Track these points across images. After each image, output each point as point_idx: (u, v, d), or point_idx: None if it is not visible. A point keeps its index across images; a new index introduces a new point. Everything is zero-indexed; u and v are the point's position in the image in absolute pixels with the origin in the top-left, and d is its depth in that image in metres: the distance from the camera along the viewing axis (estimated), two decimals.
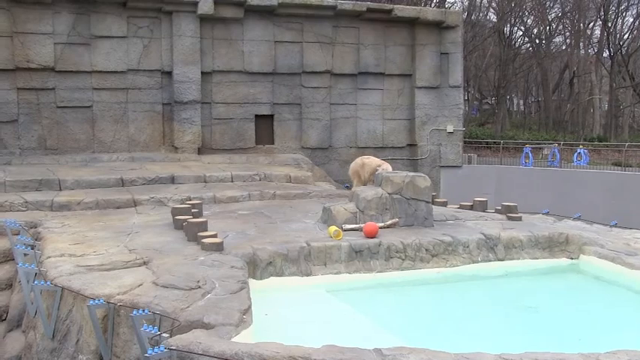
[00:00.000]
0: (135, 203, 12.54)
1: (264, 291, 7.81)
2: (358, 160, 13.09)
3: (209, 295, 6.52)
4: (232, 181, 15.21)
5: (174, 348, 5.09)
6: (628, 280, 8.57)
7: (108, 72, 17.98)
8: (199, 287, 6.74)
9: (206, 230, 9.22)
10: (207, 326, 5.71)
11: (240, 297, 6.56)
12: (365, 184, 12.28)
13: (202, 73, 18.61)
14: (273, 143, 19.75)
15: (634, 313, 7.74)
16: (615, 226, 11.62)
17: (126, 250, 8.55)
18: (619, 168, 24.73)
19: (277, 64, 19.45)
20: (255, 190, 13.88)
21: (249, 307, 6.36)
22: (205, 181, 14.96)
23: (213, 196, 13.23)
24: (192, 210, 10.59)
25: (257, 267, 8.30)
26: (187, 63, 18.33)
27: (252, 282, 7.70)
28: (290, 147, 19.82)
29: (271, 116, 19.72)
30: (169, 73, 18.43)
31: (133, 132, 18.34)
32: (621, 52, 47.23)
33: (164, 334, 5.46)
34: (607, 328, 7.12)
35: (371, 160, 12.82)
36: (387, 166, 12.21)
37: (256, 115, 19.49)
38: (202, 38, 18.58)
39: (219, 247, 8.42)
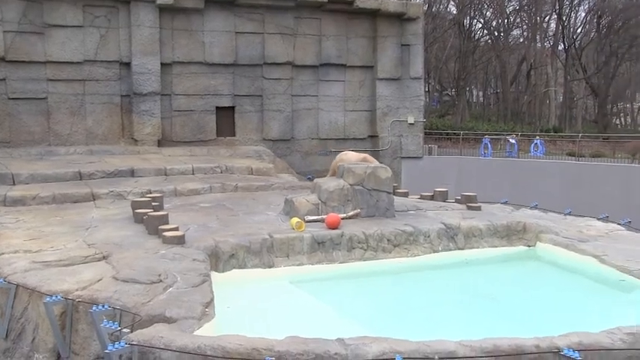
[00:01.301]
0: (94, 197, 12.32)
1: (227, 284, 7.76)
2: (338, 157, 13.11)
3: (171, 289, 6.46)
4: (193, 174, 15.07)
5: (135, 343, 5.03)
6: (581, 266, 8.80)
7: (63, 62, 17.57)
8: (161, 281, 6.67)
9: (167, 223, 9.13)
10: (169, 320, 5.66)
11: (202, 290, 6.52)
12: None
13: (162, 64, 18.34)
14: (234, 135, 19.61)
15: (586, 297, 7.95)
16: (569, 214, 11.88)
17: (85, 244, 8.40)
18: (573, 158, 25.30)
19: (238, 55, 19.29)
20: (217, 183, 13.76)
21: (212, 300, 6.32)
22: (166, 174, 14.78)
23: (174, 189, 13.08)
24: (153, 203, 10.45)
25: (219, 260, 8.24)
26: (146, 54, 18.04)
27: (214, 275, 7.65)
28: (251, 139, 19.71)
29: (232, 108, 19.58)
30: (128, 64, 18.11)
31: (90, 124, 17.99)
32: (575, 46, 48.25)
33: (125, 330, 5.39)
34: (561, 312, 7.30)
35: (349, 157, 12.82)
36: (371, 160, 12.22)
37: (217, 107, 19.32)
38: (162, 29, 18.30)
39: (180, 241, 8.34)
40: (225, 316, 6.40)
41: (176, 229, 8.81)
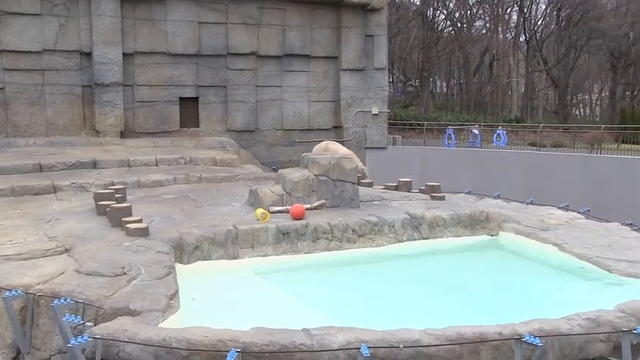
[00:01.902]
0: (55, 189, 12.10)
1: (192, 275, 7.71)
2: (322, 145, 13.07)
3: (135, 282, 6.40)
4: (157, 165, 14.94)
5: (98, 337, 4.97)
6: (542, 254, 8.98)
7: (21, 52, 17.16)
8: (124, 273, 6.61)
9: (130, 215, 9.02)
10: (133, 313, 5.61)
11: (166, 282, 6.48)
12: None
13: (124, 54, 18.05)
14: (198, 126, 19.45)
15: (547, 285, 8.11)
16: (531, 203, 12.10)
17: (46, 237, 8.24)
18: (534, 148, 25.76)
19: (202, 45, 19.10)
20: (181, 174, 13.67)
21: (177, 292, 6.29)
22: (129, 166, 14.61)
23: (138, 181, 12.95)
24: (116, 195, 10.33)
25: (184, 251, 8.19)
26: (108, 44, 17.73)
27: (178, 267, 7.60)
28: (216, 130, 19.57)
29: (196, 99, 19.40)
30: (89, 54, 17.78)
31: (51, 115, 17.63)
32: (536, 38, 49.04)
33: (88, 323, 5.32)
34: (523, 299, 7.44)
35: (336, 147, 12.83)
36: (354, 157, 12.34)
37: (181, 98, 19.13)
38: (123, 18, 18.00)
39: (144, 232, 8.26)
40: (190, 308, 6.36)
41: (140, 221, 8.72)
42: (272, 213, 9.62)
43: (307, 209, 9.77)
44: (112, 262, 6.96)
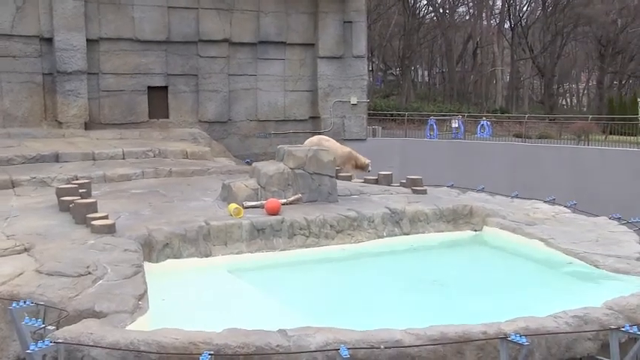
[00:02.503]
0: (13, 184, 11.94)
1: (161, 274, 7.69)
2: (315, 140, 13.16)
3: (100, 282, 6.36)
4: (124, 158, 14.80)
5: (61, 341, 4.90)
6: (528, 250, 9.08)
7: None
8: (89, 273, 6.55)
9: (96, 212, 8.93)
10: (98, 315, 5.57)
11: (134, 282, 6.44)
12: None
13: (88, 40, 17.78)
14: (168, 117, 19.29)
15: (533, 281, 8.21)
16: (516, 197, 12.22)
17: (3, 236, 8.12)
18: (520, 139, 26.00)
19: (171, 31, 18.92)
20: (150, 168, 13.58)
21: (145, 292, 6.25)
22: (94, 159, 14.47)
23: (103, 175, 12.84)
24: (80, 190, 10.22)
25: (153, 249, 8.15)
26: (70, 29, 17.47)
27: (147, 265, 7.56)
28: (186, 121, 19.43)
29: (165, 88, 19.22)
30: (50, 40, 17.50)
31: (8, 105, 17.34)
32: (521, 24, 49.42)
33: (49, 327, 5.24)
34: (509, 297, 7.51)
35: (331, 144, 12.95)
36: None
37: (149, 87, 18.93)
38: (87, 2, 17.73)
39: (110, 230, 8.20)
40: (159, 309, 6.34)
41: (106, 217, 8.63)
42: (246, 208, 9.60)
43: (283, 204, 9.76)
44: (75, 261, 6.88)
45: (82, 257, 7.05)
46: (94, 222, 8.35)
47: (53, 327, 5.25)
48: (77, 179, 11.92)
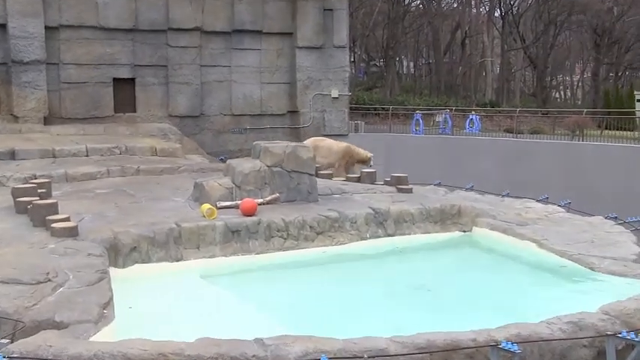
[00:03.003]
0: None
1: (129, 280, 7.66)
2: (310, 142, 13.34)
3: (61, 289, 6.31)
4: (88, 156, 14.74)
5: (16, 355, 4.84)
6: (519, 252, 9.15)
7: None
8: (49, 280, 6.49)
9: (56, 213, 8.87)
10: (59, 326, 5.52)
11: (99, 289, 6.40)
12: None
13: (46, 27, 17.59)
14: (135, 111, 19.17)
15: (525, 286, 8.27)
16: (507, 195, 12.31)
17: None
18: (511, 135, 26.20)
19: (138, 19, 18.79)
20: (116, 166, 13.53)
21: (111, 300, 6.21)
22: (54, 156, 14.39)
23: (65, 174, 12.75)
24: (39, 190, 10.13)
25: (119, 253, 8.11)
26: (26, 14, 17.25)
27: (113, 271, 7.52)
28: (155, 115, 19.32)
29: (133, 80, 19.10)
30: (3, 26, 17.28)
31: None
32: (512, 12, 49.72)
33: (3, 340, 5.17)
34: (500, 302, 7.57)
35: (329, 144, 13.06)
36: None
37: (115, 79, 18.79)
38: None
39: (72, 233, 8.13)
40: (126, 317, 6.30)
41: (67, 219, 8.57)
42: (220, 209, 9.57)
43: (259, 204, 9.75)
44: (33, 267, 6.82)
45: (41, 263, 6.98)
46: (54, 224, 8.27)
47: (7, 340, 5.17)
48: (35, 178, 11.82)
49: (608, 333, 5.59)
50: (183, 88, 19.59)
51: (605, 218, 10.31)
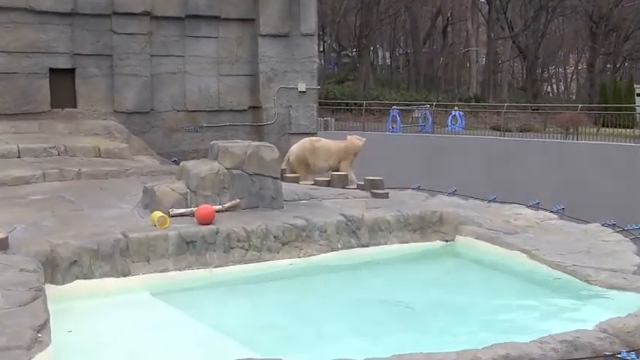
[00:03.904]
0: None
1: (68, 299, 7.59)
2: (306, 144, 13.22)
3: None
4: (20, 157, 14.57)
5: None
6: (507, 263, 9.23)
7: None
8: None
9: None
10: None
11: (33, 309, 6.30)
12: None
13: None
14: (75, 106, 18.99)
15: (514, 301, 8.35)
16: (494, 201, 12.43)
17: None
18: (498, 133, 26.51)
19: (78, 1, 18.64)
20: (53, 168, 13.37)
21: (47, 322, 6.11)
22: None
23: None
24: None
25: (57, 268, 8.02)
26: None
27: (50, 289, 7.43)
28: (99, 111, 19.16)
29: (72, 71, 18.92)
30: None
31: None
32: None
33: None
34: (486, 319, 7.62)
35: (327, 144, 13.01)
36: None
37: (51, 70, 18.61)
38: None
39: (2, 245, 8.00)
40: (65, 342, 6.22)
41: None
42: (172, 217, 9.52)
43: (217, 211, 9.71)
44: None
45: None
46: None
47: None
48: None
49: (607, 353, 5.66)
50: (130, 80, 19.46)
51: (603, 226, 10.45)
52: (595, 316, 6.50)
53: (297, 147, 14.25)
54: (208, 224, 9.28)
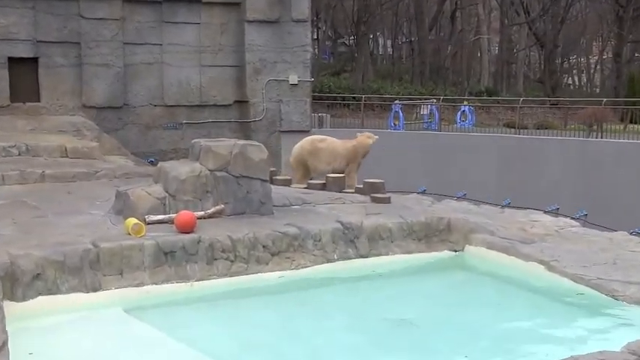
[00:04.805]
0: None
1: (30, 318, 7.56)
2: (306, 144, 13.19)
3: None
4: None
5: None
6: (523, 276, 9.22)
7: None
8: None
9: None
10: None
11: None
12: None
13: None
14: (39, 100, 19.01)
15: (531, 318, 8.33)
16: (508, 206, 12.46)
17: None
18: (512, 130, 26.53)
19: None
20: (13, 170, 13.43)
21: (5, 343, 6.10)
22: None
23: None
24: None
25: (17, 283, 7.98)
26: None
27: (9, 305, 7.41)
28: (65, 106, 19.18)
29: (35, 60, 18.94)
30: None
31: None
32: None
33: None
34: (500, 339, 7.62)
35: (332, 144, 12.98)
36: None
37: (11, 59, 18.63)
38: None
39: None
40: None
41: None
42: (149, 224, 9.52)
43: (199, 218, 9.71)
44: None
45: None
46: None
47: None
48: None
49: None
50: (101, 71, 19.46)
51: (630, 234, 10.48)
52: (622, 336, 6.50)
53: (297, 147, 14.23)
54: (189, 232, 9.26)
